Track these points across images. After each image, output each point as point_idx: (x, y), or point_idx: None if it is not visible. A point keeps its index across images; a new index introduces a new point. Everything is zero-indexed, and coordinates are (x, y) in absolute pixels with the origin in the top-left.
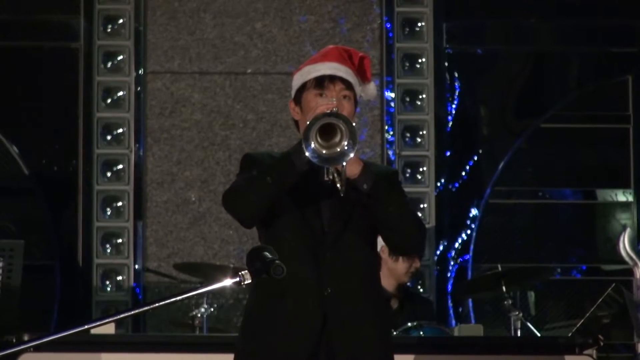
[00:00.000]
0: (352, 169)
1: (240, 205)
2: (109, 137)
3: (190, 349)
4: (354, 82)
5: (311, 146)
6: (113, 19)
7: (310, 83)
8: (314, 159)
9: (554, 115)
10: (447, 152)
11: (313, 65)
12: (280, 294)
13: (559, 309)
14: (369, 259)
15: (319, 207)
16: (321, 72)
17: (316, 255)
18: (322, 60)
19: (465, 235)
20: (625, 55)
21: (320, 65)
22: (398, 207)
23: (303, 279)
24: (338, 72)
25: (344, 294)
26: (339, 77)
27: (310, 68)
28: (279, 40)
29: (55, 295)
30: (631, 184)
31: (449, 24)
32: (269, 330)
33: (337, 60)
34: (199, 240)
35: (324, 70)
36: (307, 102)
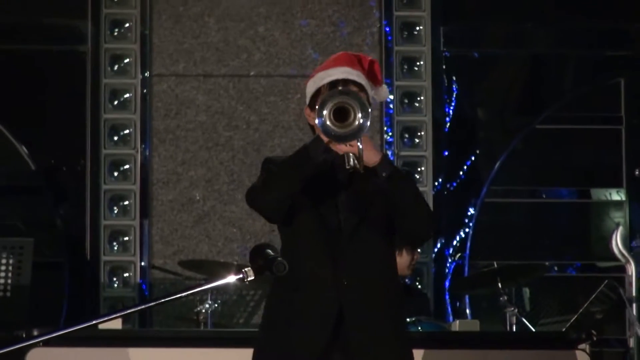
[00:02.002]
0: (372, 157)
1: (263, 200)
2: (116, 137)
3: (195, 344)
4: (365, 84)
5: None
6: (120, 23)
7: (324, 88)
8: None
9: (549, 116)
10: (445, 153)
11: (325, 71)
12: (297, 287)
13: (553, 305)
14: (386, 253)
15: (336, 202)
16: (334, 77)
17: (333, 250)
18: (334, 66)
19: (463, 233)
20: (618, 58)
21: (333, 70)
22: (413, 194)
23: (320, 272)
24: (350, 75)
25: (361, 286)
26: (352, 80)
27: (323, 74)
28: (281, 44)
29: (64, 291)
30: (624, 184)
31: (446, 28)
32: (287, 321)
33: (348, 64)
34: (204, 238)
35: (337, 74)
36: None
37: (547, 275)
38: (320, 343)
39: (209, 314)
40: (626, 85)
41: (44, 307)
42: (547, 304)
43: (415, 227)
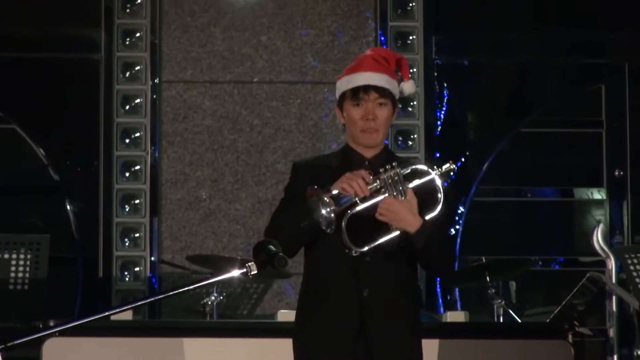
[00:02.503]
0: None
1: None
2: (127, 140)
3: (202, 334)
4: (390, 86)
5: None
6: (131, 33)
7: (348, 93)
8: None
9: (534, 120)
10: (437, 154)
11: (350, 76)
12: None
13: (538, 297)
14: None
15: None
16: (356, 84)
17: (354, 264)
18: (358, 70)
19: (453, 230)
20: (599, 66)
21: (356, 77)
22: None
23: (342, 286)
24: (371, 81)
25: (380, 297)
26: (373, 86)
27: (348, 78)
28: (282, 52)
29: (78, 284)
30: (604, 183)
31: (438, 37)
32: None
33: (372, 68)
34: (210, 234)
35: (359, 81)
36: (347, 111)
37: (533, 270)
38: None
39: (214, 306)
40: (606, 91)
41: (59, 300)
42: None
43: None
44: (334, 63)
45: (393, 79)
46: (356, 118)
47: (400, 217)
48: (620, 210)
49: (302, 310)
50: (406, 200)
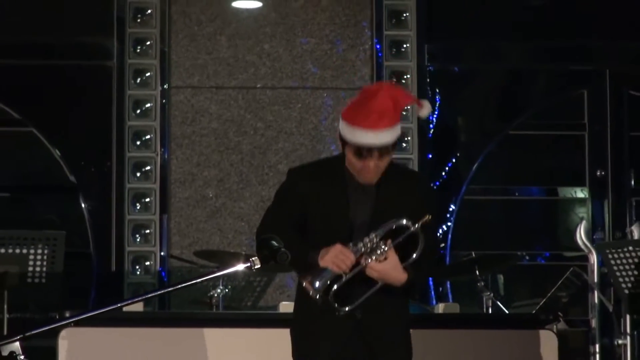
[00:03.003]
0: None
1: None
2: (139, 142)
3: (208, 324)
4: (393, 137)
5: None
6: (142, 41)
7: (351, 146)
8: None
9: (521, 123)
10: (429, 155)
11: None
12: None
13: (524, 290)
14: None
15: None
16: (359, 142)
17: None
18: (363, 126)
19: (445, 227)
20: (582, 72)
21: (361, 134)
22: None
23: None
24: (375, 141)
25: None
26: (376, 147)
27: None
28: (284, 59)
29: (92, 278)
30: (587, 183)
31: (430, 45)
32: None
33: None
34: (216, 231)
35: (362, 139)
36: (348, 154)
37: (519, 264)
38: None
39: (220, 298)
40: (589, 96)
41: (74, 292)
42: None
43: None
44: (332, 70)
45: (397, 123)
46: (356, 166)
47: (387, 276)
48: (602, 208)
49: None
50: (388, 260)
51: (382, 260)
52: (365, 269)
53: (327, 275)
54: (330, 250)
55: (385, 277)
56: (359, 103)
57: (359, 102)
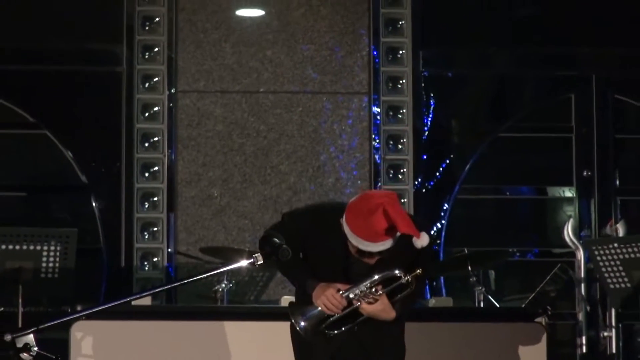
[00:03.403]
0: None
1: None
2: (147, 144)
3: (213, 318)
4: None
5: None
6: (150, 48)
7: (354, 246)
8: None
9: (511, 126)
10: (424, 156)
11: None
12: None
13: (515, 285)
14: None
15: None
16: (361, 246)
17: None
18: (368, 240)
19: (439, 225)
20: (569, 77)
21: (362, 244)
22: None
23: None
24: (374, 249)
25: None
26: (376, 252)
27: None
28: (285, 65)
29: (103, 273)
30: (574, 183)
31: (424, 52)
32: None
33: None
34: (220, 228)
35: (363, 247)
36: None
37: (510, 260)
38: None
39: (225, 292)
40: (576, 100)
41: (86, 287)
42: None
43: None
44: (331, 75)
45: (395, 237)
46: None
47: (377, 316)
48: (589, 206)
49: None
50: (379, 303)
51: (373, 303)
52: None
53: (316, 314)
54: (324, 293)
55: (377, 316)
56: (359, 214)
57: (360, 213)
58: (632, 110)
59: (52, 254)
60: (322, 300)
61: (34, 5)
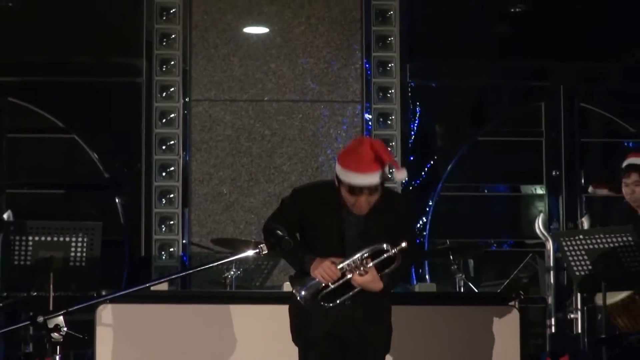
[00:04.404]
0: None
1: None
2: (164, 147)
3: (223, 302)
4: (380, 179)
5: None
6: (167, 61)
7: (345, 185)
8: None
9: (488, 131)
10: (411, 158)
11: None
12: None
13: (491, 272)
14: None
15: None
16: (352, 182)
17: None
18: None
19: (425, 219)
20: (540, 87)
21: (353, 177)
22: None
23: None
24: (366, 182)
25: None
26: (366, 186)
27: (347, 174)
28: (287, 77)
29: (125, 262)
30: (544, 181)
31: (411, 65)
32: None
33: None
34: (230, 222)
35: (355, 181)
36: (343, 191)
37: (487, 250)
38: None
39: (233, 279)
40: (546, 108)
41: (109, 274)
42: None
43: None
44: (328, 85)
45: (381, 169)
46: (350, 201)
47: (366, 287)
48: (557, 203)
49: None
50: (368, 275)
51: (363, 274)
52: (352, 280)
53: (314, 284)
54: (321, 265)
55: (366, 287)
56: (350, 151)
57: (350, 150)
58: (595, 117)
59: (79, 245)
60: (318, 271)
61: (64, 24)
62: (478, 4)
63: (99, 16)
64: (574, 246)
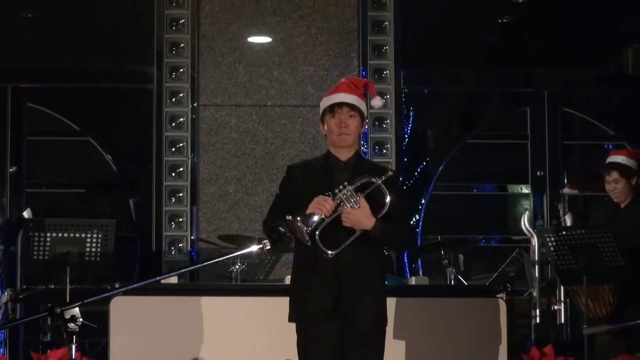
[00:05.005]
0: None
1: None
2: (173, 149)
3: (228, 294)
4: (358, 103)
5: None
6: (176, 69)
7: (327, 109)
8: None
9: (477, 134)
10: (405, 159)
11: (329, 97)
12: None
13: (480, 266)
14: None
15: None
16: (332, 101)
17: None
18: (335, 92)
19: (418, 216)
20: (525, 93)
21: (333, 97)
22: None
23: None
24: (344, 99)
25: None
26: (345, 103)
27: (328, 99)
28: (289, 83)
29: (137, 257)
30: (529, 181)
31: (405, 72)
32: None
33: (345, 90)
34: (235, 219)
35: (335, 99)
36: (327, 122)
37: (476, 246)
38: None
39: (238, 273)
40: (531, 112)
41: (122, 268)
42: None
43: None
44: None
45: (362, 100)
46: (333, 127)
47: (359, 221)
48: (541, 201)
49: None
50: (361, 207)
51: (356, 208)
52: (342, 215)
53: (310, 216)
54: (314, 199)
55: (358, 222)
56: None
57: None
58: (578, 121)
59: (94, 241)
60: (313, 204)
61: (80, 35)
62: (468, 15)
63: (112, 27)
64: (557, 242)
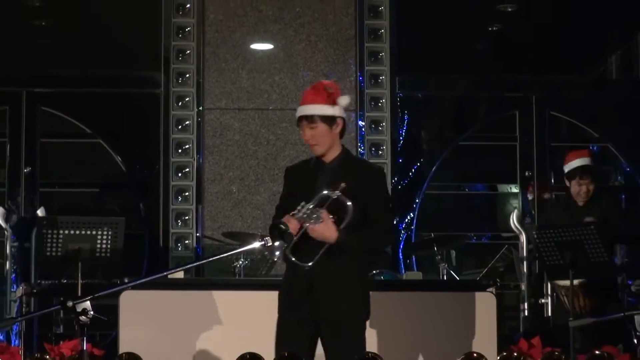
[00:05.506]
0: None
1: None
2: (180, 150)
3: (232, 288)
4: (317, 111)
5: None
6: (183, 74)
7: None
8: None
9: (469, 136)
10: (399, 160)
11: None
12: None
13: (471, 262)
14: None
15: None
16: (297, 115)
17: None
18: (301, 104)
19: (412, 214)
20: (515, 98)
21: (297, 110)
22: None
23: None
24: (302, 112)
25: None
26: (303, 116)
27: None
28: (290, 88)
29: (145, 253)
30: (518, 181)
31: (400, 77)
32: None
33: (305, 101)
34: (238, 217)
35: (298, 112)
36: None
37: (468, 242)
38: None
39: (241, 268)
40: (519, 116)
41: (131, 264)
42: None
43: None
44: None
45: (324, 104)
46: (305, 139)
47: (323, 236)
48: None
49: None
50: (323, 222)
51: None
52: (308, 230)
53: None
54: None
55: (322, 235)
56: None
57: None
58: (564, 124)
59: (104, 238)
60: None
61: (91, 42)
62: (460, 24)
63: (121, 34)
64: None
